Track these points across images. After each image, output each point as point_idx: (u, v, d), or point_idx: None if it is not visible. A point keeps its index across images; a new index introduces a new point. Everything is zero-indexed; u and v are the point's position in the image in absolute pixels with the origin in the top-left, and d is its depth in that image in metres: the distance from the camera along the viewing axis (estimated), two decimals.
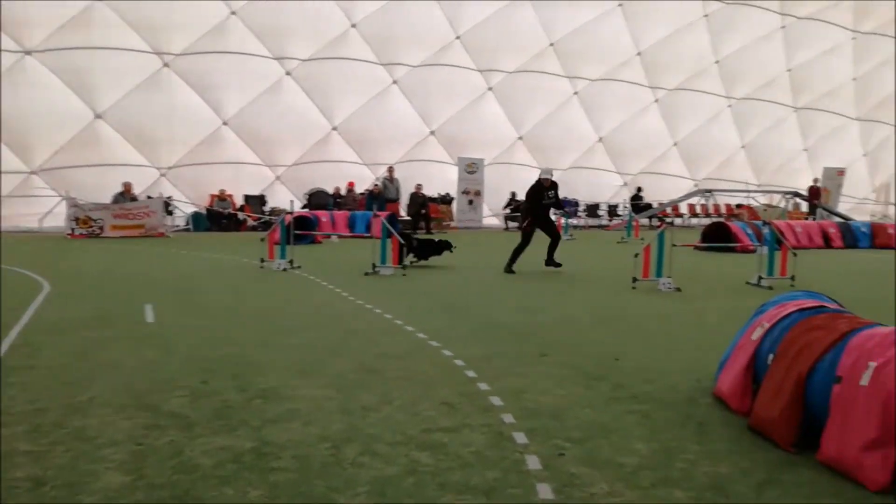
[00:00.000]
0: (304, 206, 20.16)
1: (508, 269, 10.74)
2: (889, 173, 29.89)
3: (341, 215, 18.73)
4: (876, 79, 27.63)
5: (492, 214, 24.43)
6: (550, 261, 11.16)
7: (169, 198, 19.55)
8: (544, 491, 2.93)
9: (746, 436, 3.66)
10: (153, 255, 13.14)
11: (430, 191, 21.79)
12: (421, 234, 19.37)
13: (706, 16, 23.91)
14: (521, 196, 23.12)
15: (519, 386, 4.46)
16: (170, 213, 19.51)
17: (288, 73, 20.66)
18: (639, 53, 24.06)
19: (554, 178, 11.26)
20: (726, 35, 24.64)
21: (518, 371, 4.84)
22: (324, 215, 18.26)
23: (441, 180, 22.87)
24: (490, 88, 22.95)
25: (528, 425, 3.72)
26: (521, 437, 3.54)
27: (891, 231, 17.30)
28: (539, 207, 11.15)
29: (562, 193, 24.45)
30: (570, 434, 3.61)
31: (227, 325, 6.42)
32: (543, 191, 11.06)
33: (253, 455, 3.25)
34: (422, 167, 22.70)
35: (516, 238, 11.38)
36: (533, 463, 3.22)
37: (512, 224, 23.13)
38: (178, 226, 19.83)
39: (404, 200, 21.00)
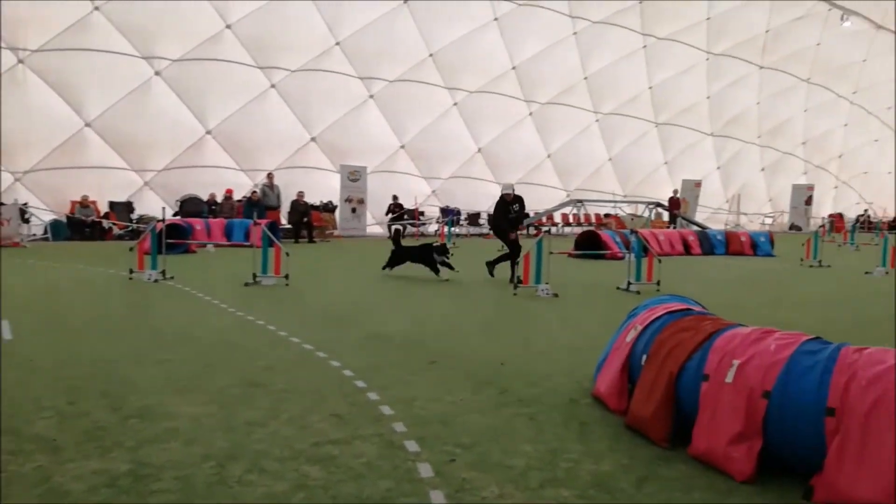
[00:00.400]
0: (175, 214, 19.20)
1: (513, 279, 10.54)
2: (739, 185, 32.62)
3: (217, 223, 17.99)
4: (727, 97, 30.08)
5: (375, 223, 24.37)
6: (492, 266, 11.55)
7: (25, 204, 18.01)
8: (437, 497, 2.95)
9: (624, 434, 3.85)
10: (9, 267, 12.04)
11: (313, 198, 21.43)
12: (303, 243, 19.01)
13: (575, 34, 25.08)
14: (403, 199, 23.34)
15: (409, 394, 4.47)
16: (26, 221, 17.97)
17: (157, 74, 19.66)
18: (514, 67, 24.87)
19: (515, 192, 11.39)
20: (594, 53, 25.97)
21: (407, 380, 4.85)
22: (198, 223, 17.46)
23: (323, 188, 22.55)
24: (371, 96, 22.94)
25: (419, 433, 3.74)
26: (412, 446, 3.55)
27: (743, 239, 18.86)
28: (505, 221, 11.38)
29: (442, 202, 24.98)
30: (461, 440, 3.66)
31: (95, 341, 6.00)
32: (507, 206, 11.30)
33: (130, 478, 3.05)
34: (303, 174, 22.29)
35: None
36: (425, 470, 3.24)
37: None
38: (35, 235, 18.30)
39: (285, 208, 20.50)
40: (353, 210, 22.84)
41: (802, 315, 8.34)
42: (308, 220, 20.13)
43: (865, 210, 35.67)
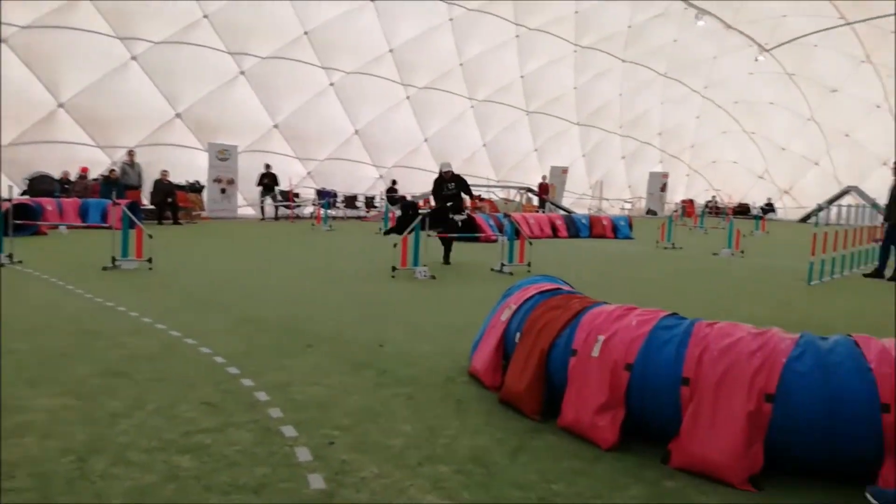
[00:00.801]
0: (23, 193, 17.59)
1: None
2: (602, 172, 34.39)
3: (71, 203, 16.66)
4: (592, 89, 31.52)
5: (247, 204, 23.52)
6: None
7: None
8: (316, 481, 2.93)
9: (499, 409, 3.99)
10: None
11: (178, 178, 20.30)
12: (168, 224, 18.03)
13: (451, 20, 25.29)
14: (275, 169, 22.61)
15: (285, 379, 4.38)
16: None
17: (3, 41, 17.82)
18: (391, 50, 24.74)
19: (452, 170, 11.45)
20: (469, 40, 26.32)
21: (283, 364, 4.75)
22: (49, 203, 16.08)
23: (190, 167, 21.42)
24: (242, 73, 22.02)
25: (297, 418, 3.68)
26: (289, 431, 3.49)
27: (605, 223, 19.92)
28: (439, 199, 11.33)
29: (318, 184, 24.49)
30: (340, 422, 3.65)
31: None
32: (443, 182, 11.28)
33: None
34: (167, 152, 21.06)
35: (274, 227, 11.11)
36: (303, 455, 3.20)
37: (270, 213, 22.54)
38: None
39: (147, 188, 19.30)
40: (223, 191, 21.92)
41: (660, 293, 8.96)
42: (172, 201, 19.09)
43: (713, 196, 38.71)
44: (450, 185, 11.41)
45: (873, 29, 29.89)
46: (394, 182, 26.35)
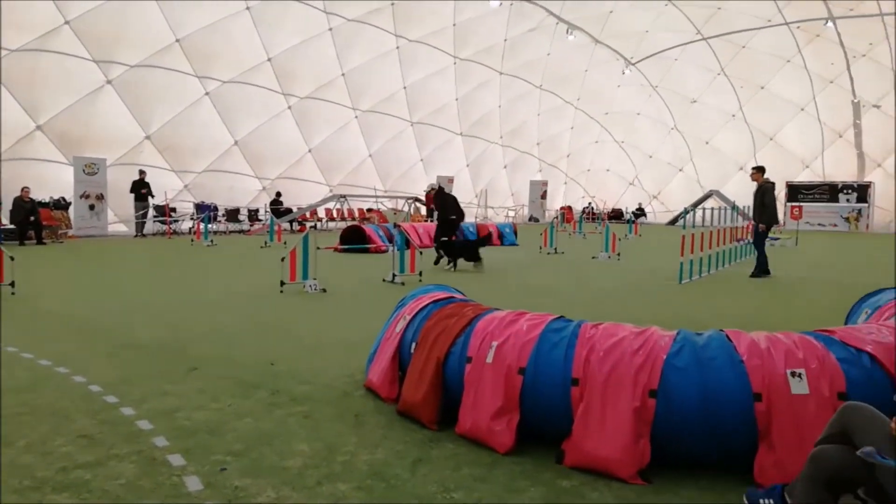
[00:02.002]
0: None
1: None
2: (486, 181, 35.20)
3: None
4: (473, 100, 32.24)
5: (118, 220, 22.16)
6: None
7: None
8: None
9: (397, 421, 3.98)
10: None
11: (41, 194, 18.83)
12: (31, 245, 16.68)
13: (331, 29, 25.09)
14: (150, 178, 21.40)
15: (169, 405, 4.16)
16: None
17: None
18: (269, 59, 24.19)
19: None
20: (350, 50, 26.20)
21: (166, 390, 4.51)
22: None
23: (54, 182, 19.94)
24: (109, 82, 20.77)
25: (184, 445, 3.51)
26: (177, 460, 3.32)
27: (491, 230, 20.36)
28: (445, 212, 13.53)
29: (197, 198, 23.46)
30: (231, 447, 3.51)
31: None
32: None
33: None
34: (28, 167, 19.49)
35: (150, 243, 10.53)
36: (193, 484, 3.06)
37: (147, 229, 21.35)
38: None
39: (6, 206, 17.75)
40: (92, 207, 20.54)
41: (546, 297, 9.27)
42: (36, 219, 17.69)
43: (589, 203, 40.55)
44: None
45: (727, 44, 32.48)
46: (278, 194, 25.74)
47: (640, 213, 37.78)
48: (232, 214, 24.58)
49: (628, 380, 3.30)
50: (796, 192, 33.27)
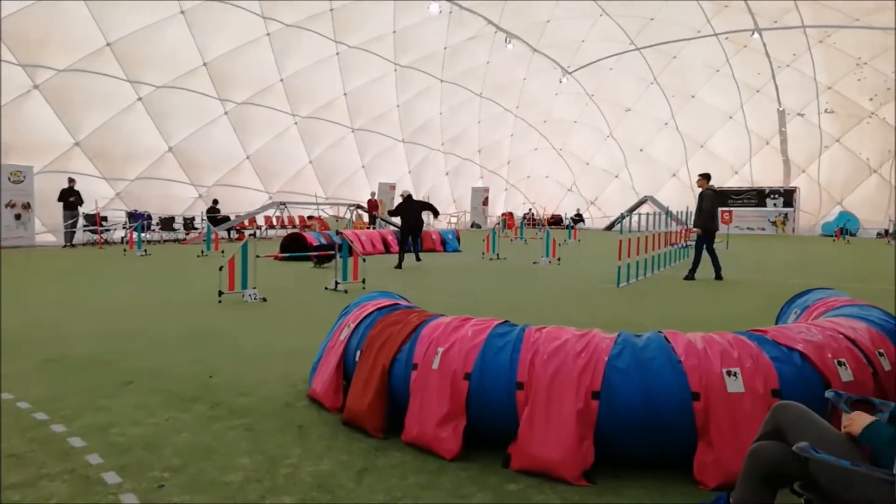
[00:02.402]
0: None
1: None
2: (428, 187, 35.25)
3: None
4: (414, 107, 32.29)
5: (47, 230, 21.23)
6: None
7: None
8: None
9: (342, 430, 3.93)
10: None
11: None
12: None
13: (269, 35, 24.72)
14: (80, 186, 20.57)
15: (103, 421, 4.00)
16: None
17: None
18: (205, 64, 23.65)
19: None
20: (288, 55, 25.86)
21: (100, 405, 4.33)
22: None
23: None
24: (36, 87, 19.92)
25: (120, 462, 3.38)
26: (112, 477, 3.19)
27: (434, 237, 20.40)
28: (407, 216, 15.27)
29: (130, 206, 22.71)
30: (169, 463, 3.39)
31: None
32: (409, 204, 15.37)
33: None
34: None
35: (81, 253, 10.11)
36: (130, 501, 2.94)
37: (77, 238, 20.51)
38: None
39: None
40: (18, 216, 19.63)
41: (491, 302, 9.32)
42: None
43: (530, 209, 41.13)
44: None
45: (659, 54, 33.52)
46: (215, 202, 25.16)
47: (578, 218, 38.52)
48: (166, 223, 23.88)
49: (572, 382, 3.34)
50: (726, 197, 34.54)
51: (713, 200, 12.41)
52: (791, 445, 2.18)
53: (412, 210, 15.41)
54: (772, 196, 34.44)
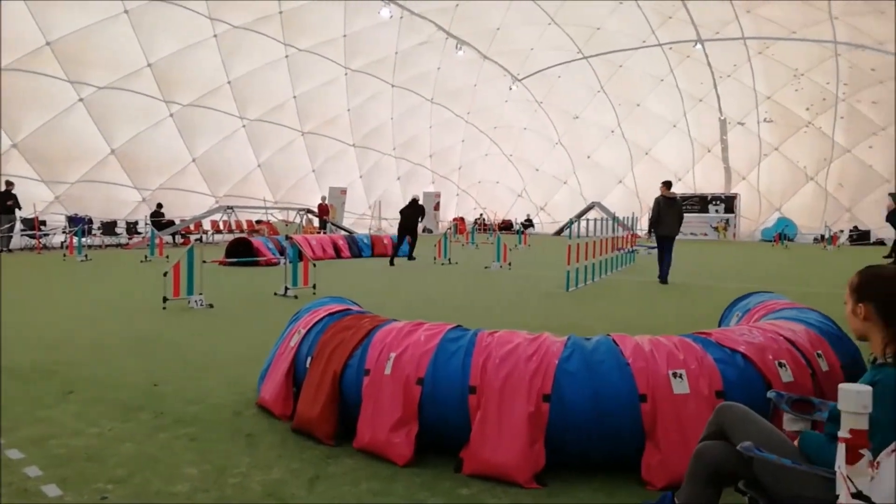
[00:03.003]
0: None
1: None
2: (380, 192, 35.15)
3: None
4: (366, 111, 32.14)
5: None
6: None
7: None
8: None
9: (293, 438, 3.87)
10: None
11: None
12: None
13: (215, 36, 24.29)
14: (17, 189, 19.77)
15: (43, 433, 3.85)
16: None
17: None
18: (149, 65, 23.08)
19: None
20: (236, 57, 25.45)
21: (39, 416, 4.17)
22: None
23: None
24: None
25: (60, 474, 3.26)
26: (52, 490, 3.08)
27: (386, 241, 20.33)
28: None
29: (70, 210, 21.95)
30: (113, 474, 3.29)
31: None
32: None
33: None
34: None
35: (17, 259, 9.71)
36: None
37: (15, 244, 19.70)
38: None
39: None
40: None
41: (443, 307, 9.34)
42: None
43: (481, 214, 41.38)
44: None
45: (606, 63, 34.20)
46: (159, 206, 24.53)
47: (528, 223, 38.94)
48: (108, 227, 23.17)
49: (523, 386, 3.37)
50: None
51: (659, 206, 12.72)
52: (735, 445, 2.24)
53: (411, 215, 17.58)
54: (714, 202, 35.45)
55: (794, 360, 3.48)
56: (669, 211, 12.67)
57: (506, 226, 38.58)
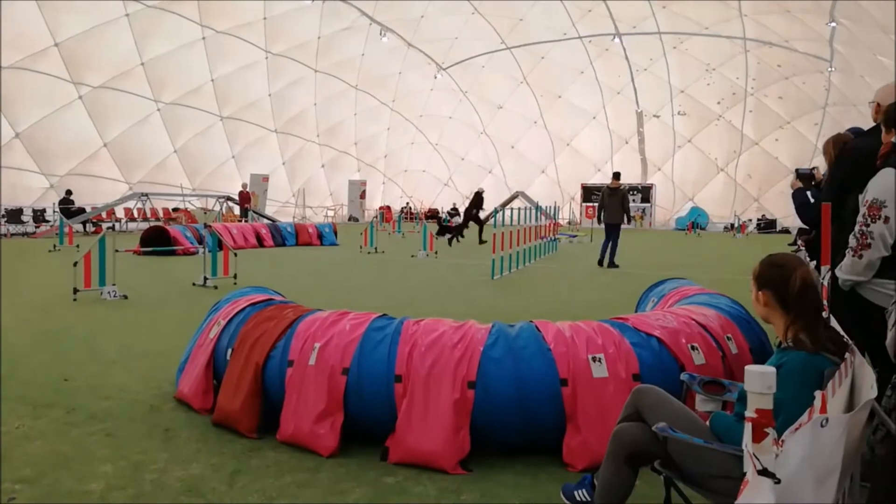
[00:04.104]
0: None
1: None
2: (304, 180, 34.53)
3: None
4: (288, 96, 31.42)
5: None
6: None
7: None
8: None
9: (213, 432, 3.78)
10: None
11: None
12: None
13: (127, 15, 23.18)
14: None
15: None
16: None
17: None
18: (56, 44, 21.81)
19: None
20: (150, 38, 24.37)
21: None
22: None
23: None
24: None
25: None
26: None
27: (311, 230, 20.02)
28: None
29: None
30: (21, 473, 3.13)
31: None
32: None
33: None
34: None
35: None
36: None
37: None
38: None
39: None
40: None
41: (369, 296, 9.29)
42: None
43: (407, 203, 41.30)
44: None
45: (528, 54, 34.66)
46: (68, 192, 23.27)
47: (454, 212, 39.11)
48: (13, 215, 21.85)
49: (448, 373, 3.40)
50: (590, 193, 36.37)
51: (603, 196, 13.82)
52: (651, 426, 2.33)
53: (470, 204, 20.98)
54: (631, 192, 36.59)
55: (706, 343, 3.65)
56: (611, 200, 13.65)
57: (432, 214, 38.65)
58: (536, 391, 3.37)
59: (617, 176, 14.11)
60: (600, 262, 13.80)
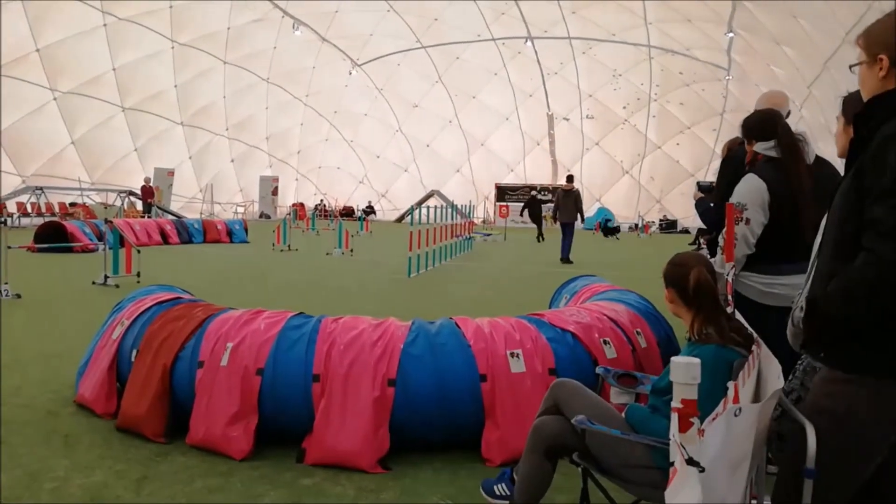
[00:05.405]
0: None
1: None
2: (212, 175, 33.38)
3: None
4: (195, 88, 30.24)
5: None
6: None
7: None
8: None
9: (117, 437, 3.60)
10: None
11: None
12: None
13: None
14: None
15: None
16: None
17: None
18: None
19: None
20: (45, 24, 22.92)
21: None
22: None
23: None
24: None
25: None
26: None
27: (219, 227, 19.38)
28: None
29: None
30: None
31: None
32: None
33: None
34: None
35: None
36: None
37: None
38: None
39: None
40: None
41: (283, 294, 9.07)
42: None
43: (322, 200, 40.69)
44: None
45: (443, 54, 34.85)
46: None
47: (370, 210, 38.85)
48: None
49: (368, 371, 3.36)
50: (504, 192, 36.93)
51: (558, 197, 15.24)
52: (569, 419, 2.39)
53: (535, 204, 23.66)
54: (542, 193, 37.48)
55: (617, 337, 3.77)
56: (566, 201, 14.89)
57: (347, 212, 38.23)
58: (456, 387, 3.38)
59: (570, 179, 15.52)
60: (565, 258, 14.74)
